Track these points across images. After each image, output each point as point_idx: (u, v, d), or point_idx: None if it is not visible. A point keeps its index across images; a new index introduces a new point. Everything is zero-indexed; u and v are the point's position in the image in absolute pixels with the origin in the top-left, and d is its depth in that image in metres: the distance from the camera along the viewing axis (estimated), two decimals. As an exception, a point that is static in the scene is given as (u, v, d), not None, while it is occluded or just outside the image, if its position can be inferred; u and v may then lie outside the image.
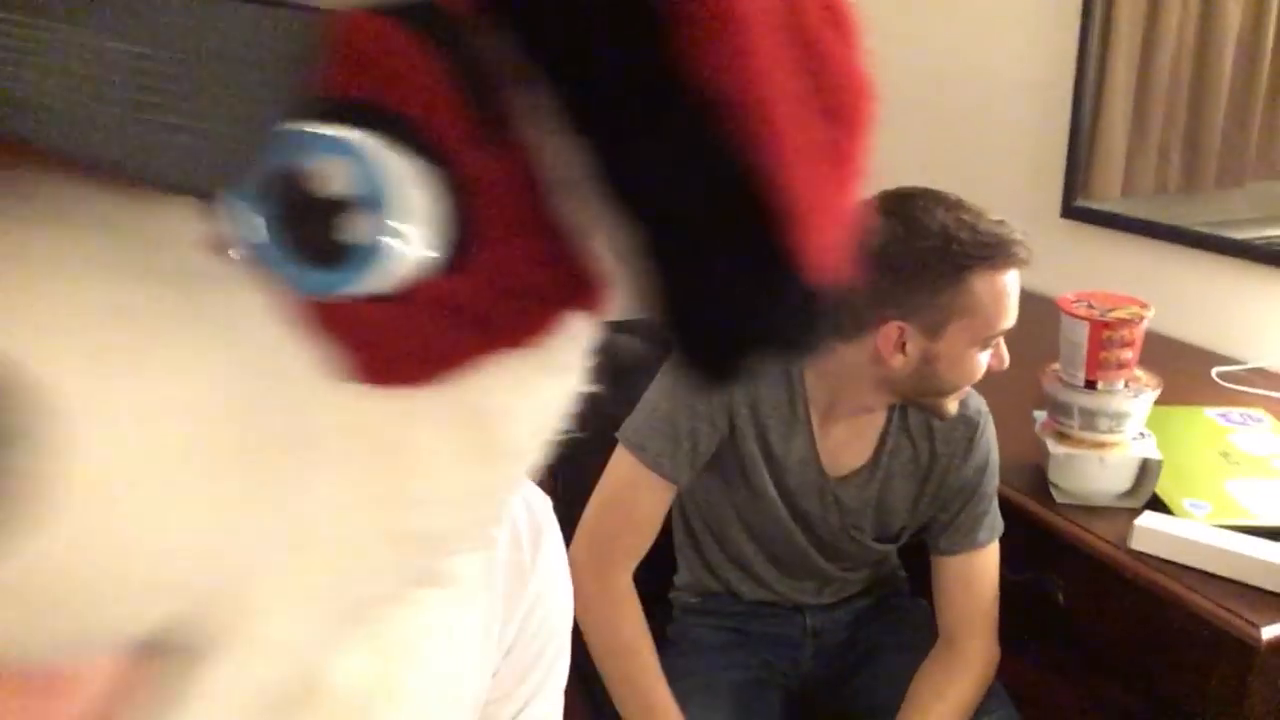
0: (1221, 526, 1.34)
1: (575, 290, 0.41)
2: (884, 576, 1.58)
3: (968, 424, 1.39)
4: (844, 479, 1.40)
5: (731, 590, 1.52)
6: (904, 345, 1.27)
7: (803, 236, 0.37)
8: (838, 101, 0.40)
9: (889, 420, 1.41)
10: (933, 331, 1.27)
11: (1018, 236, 1.26)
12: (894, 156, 1.39)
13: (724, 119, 0.34)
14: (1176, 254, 2.05)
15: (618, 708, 1.39)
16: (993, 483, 1.42)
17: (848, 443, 1.40)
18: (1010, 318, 1.29)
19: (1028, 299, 1.33)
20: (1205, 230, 2.00)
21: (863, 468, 1.41)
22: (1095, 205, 2.16)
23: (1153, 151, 2.14)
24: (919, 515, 1.44)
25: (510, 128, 0.37)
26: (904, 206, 1.25)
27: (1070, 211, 2.19)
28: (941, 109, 2.43)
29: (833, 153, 0.41)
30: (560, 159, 0.36)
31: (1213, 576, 1.28)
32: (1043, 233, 2.18)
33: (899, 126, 2.43)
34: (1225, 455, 1.55)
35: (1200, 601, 1.26)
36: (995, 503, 1.42)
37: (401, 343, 0.37)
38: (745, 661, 1.50)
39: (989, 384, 1.44)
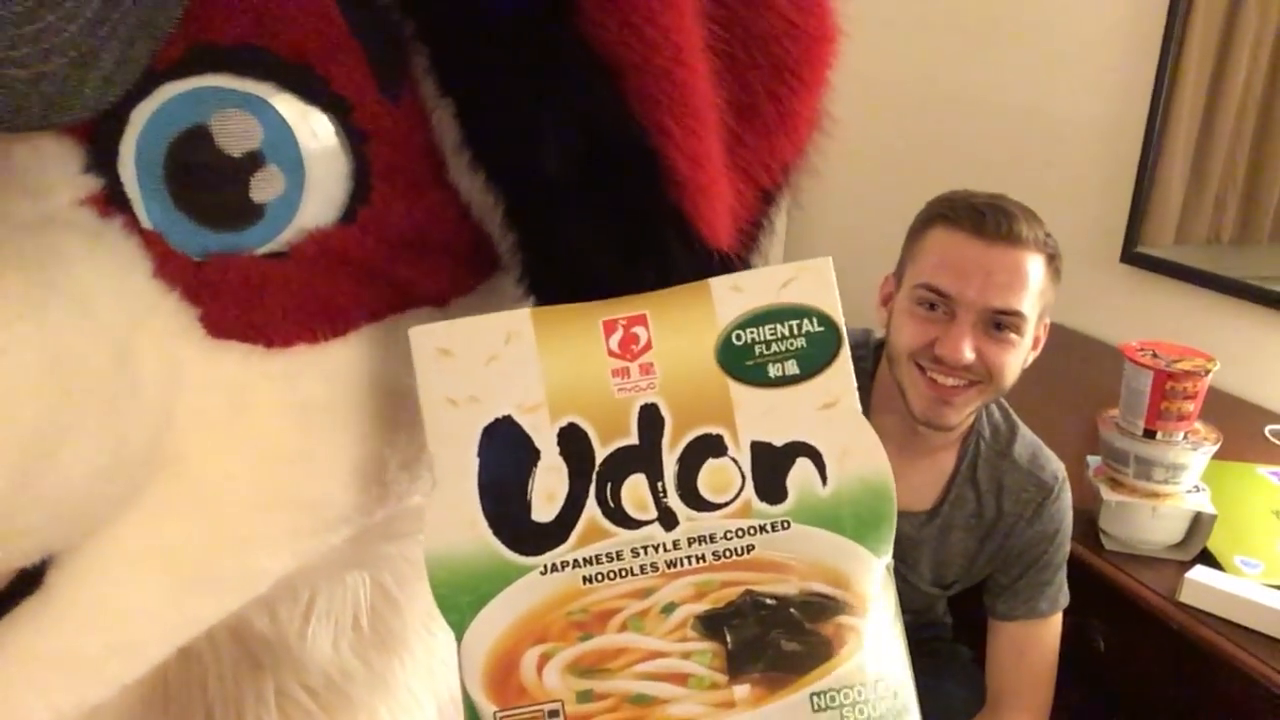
0: (1274, 586, 1.33)
1: (464, 248, 0.40)
2: (928, 620, 1.55)
3: (1041, 487, 1.36)
4: (901, 515, 1.38)
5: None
6: (888, 296, 1.33)
7: (693, 202, 0.37)
8: (777, 51, 0.40)
9: (957, 468, 1.38)
10: (899, 278, 1.31)
11: (1002, 207, 1.23)
12: (954, 181, 1.39)
13: (616, 86, 0.34)
14: (1234, 307, 2.03)
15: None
16: (1061, 552, 1.37)
17: (912, 483, 1.38)
18: (948, 279, 1.22)
19: (1084, 342, 1.32)
20: (1260, 284, 1.99)
21: (922, 512, 1.39)
22: (1152, 252, 2.15)
23: (1209, 201, 2.13)
24: (975, 572, 1.41)
25: (404, 84, 0.36)
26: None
27: (1130, 257, 2.17)
28: (1007, 144, 2.42)
29: (755, 112, 0.40)
30: (444, 119, 0.36)
31: (1264, 637, 1.27)
32: (1101, 277, 2.18)
33: (963, 158, 2.43)
34: (1278, 514, 1.54)
35: (1249, 661, 1.24)
36: (1063, 573, 1.38)
37: (294, 300, 0.35)
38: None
39: (1044, 425, 1.43)
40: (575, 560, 0.42)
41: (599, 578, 0.42)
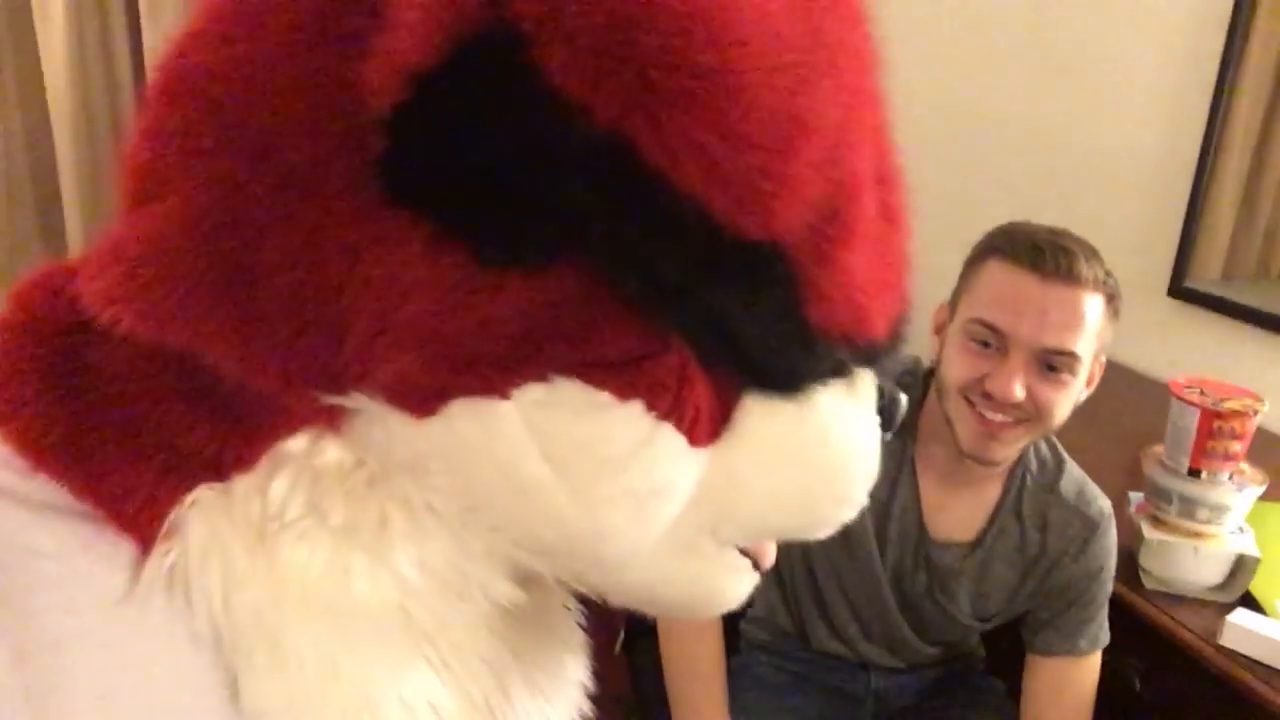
0: (1317, 634, 1.31)
1: None
2: (961, 652, 1.54)
3: (1086, 523, 1.34)
4: (943, 544, 1.37)
5: (804, 634, 1.51)
6: (941, 324, 1.31)
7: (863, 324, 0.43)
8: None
9: (1001, 501, 1.37)
10: (953, 307, 1.29)
11: (1062, 245, 1.20)
12: (1004, 210, 1.38)
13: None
14: (1277, 345, 2.01)
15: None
16: (1105, 590, 1.36)
17: (956, 513, 1.37)
18: (1003, 315, 1.20)
19: (1128, 375, 1.31)
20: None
21: (965, 543, 1.37)
22: (1199, 286, 2.13)
23: (1259, 235, 2.11)
24: (1016, 605, 1.40)
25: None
26: None
27: (1177, 291, 2.15)
28: (1057, 174, 2.41)
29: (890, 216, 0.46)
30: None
31: (1305, 685, 1.25)
32: (1148, 311, 2.16)
33: (1014, 187, 2.41)
34: (1323, 560, 1.51)
35: (1290, 708, 1.23)
36: (1104, 612, 1.37)
37: None
38: (801, 708, 1.49)
39: (1086, 459, 1.42)
40: None
41: None
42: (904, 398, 0.52)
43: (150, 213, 0.42)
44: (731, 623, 1.55)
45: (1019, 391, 1.20)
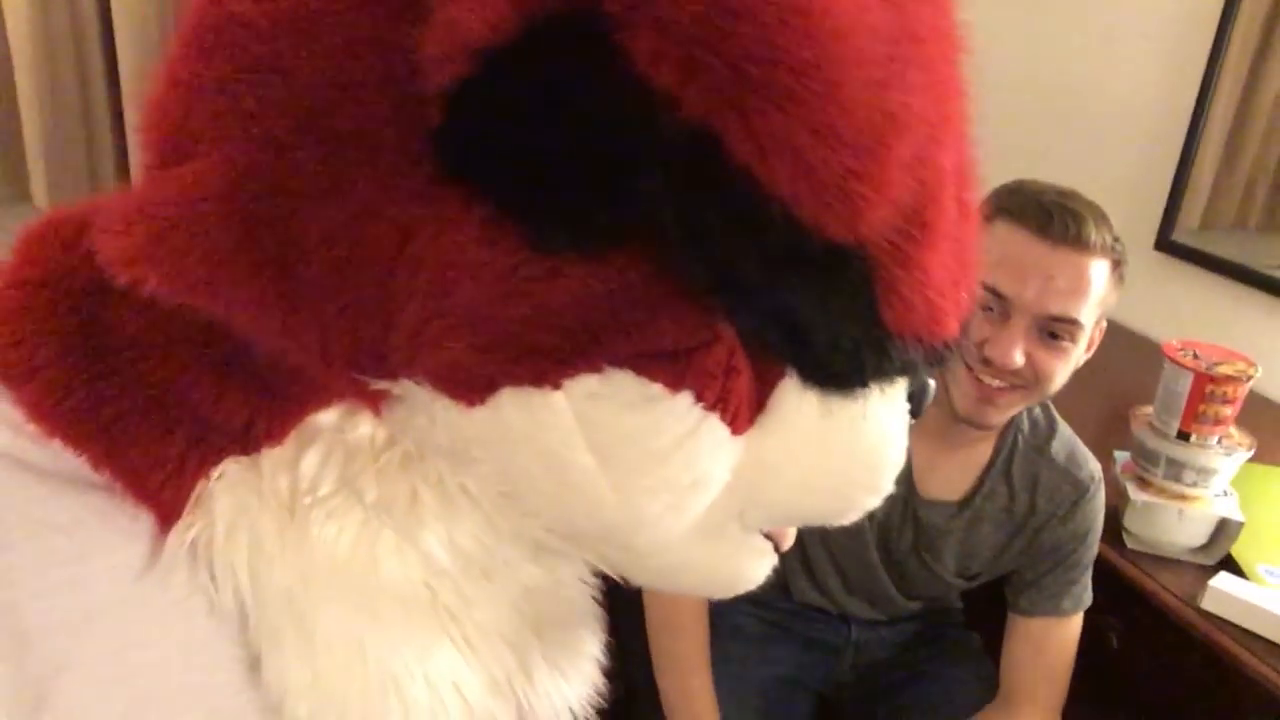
0: (1297, 599, 1.32)
1: None
2: (940, 606, 1.54)
3: (1077, 486, 1.34)
4: (931, 503, 1.37)
5: (786, 587, 1.50)
6: None
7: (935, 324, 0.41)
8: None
9: (992, 461, 1.36)
10: None
11: (1071, 208, 1.16)
12: (994, 155, 1.35)
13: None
14: (1265, 303, 2.00)
15: (658, 681, 1.39)
16: (1090, 553, 1.36)
17: (945, 472, 1.36)
18: (1006, 279, 1.17)
19: (1113, 330, 1.29)
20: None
21: (953, 502, 1.37)
22: (1184, 240, 2.12)
23: (1239, 188, 2.10)
24: (1001, 565, 1.39)
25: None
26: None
27: (1163, 244, 2.14)
28: (1051, 124, 2.37)
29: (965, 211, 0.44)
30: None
31: (1283, 650, 1.26)
32: (1135, 265, 2.14)
33: (1006, 134, 2.37)
34: (1304, 523, 1.52)
35: (1268, 674, 1.23)
36: (1088, 574, 1.37)
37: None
38: (781, 658, 1.49)
39: (1070, 416, 1.41)
40: None
41: None
42: (932, 384, 0.50)
43: (182, 173, 0.39)
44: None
45: (1019, 358, 1.18)
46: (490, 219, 0.36)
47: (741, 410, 0.42)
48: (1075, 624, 1.37)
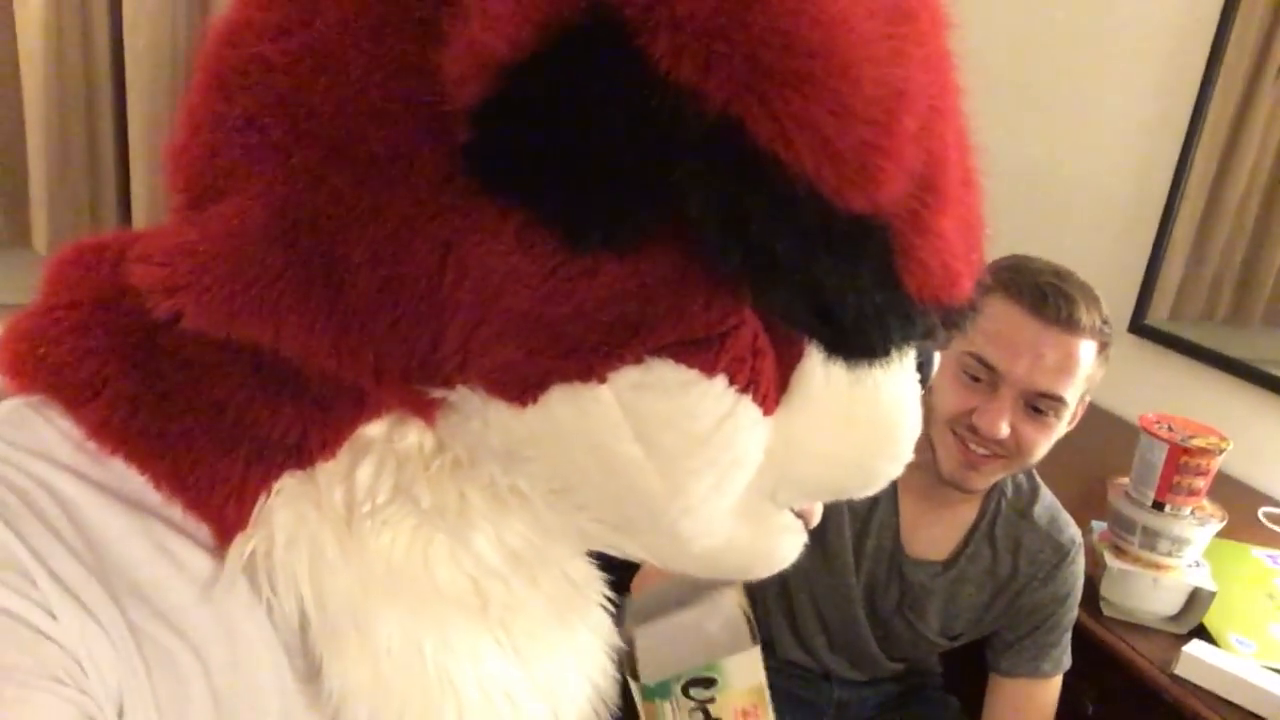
0: (1267, 668, 1.36)
1: None
2: (921, 668, 1.57)
3: (1057, 550, 1.37)
4: (916, 561, 1.40)
5: (769, 642, 1.52)
6: None
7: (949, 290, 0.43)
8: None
9: (977, 522, 1.40)
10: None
11: (1064, 290, 1.22)
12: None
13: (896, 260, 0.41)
14: (1232, 386, 2.07)
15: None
16: (1070, 616, 1.40)
17: (931, 532, 1.40)
18: (998, 353, 1.22)
19: (1094, 410, 1.34)
20: (1261, 367, 2.02)
21: (938, 562, 1.40)
22: (1158, 325, 2.19)
23: (1206, 281, 2.18)
24: (983, 626, 1.43)
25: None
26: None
27: (1136, 328, 2.21)
28: (1029, 206, 2.46)
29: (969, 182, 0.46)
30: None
31: (1255, 717, 1.30)
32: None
33: (990, 211, 2.46)
34: (1270, 597, 1.57)
35: (1239, 739, 1.27)
36: (1068, 636, 1.40)
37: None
38: (763, 715, 1.50)
39: (1052, 486, 1.45)
40: None
41: None
42: (937, 355, 0.53)
43: (221, 210, 0.41)
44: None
45: (1004, 429, 1.23)
46: (526, 225, 0.38)
47: (770, 390, 0.44)
48: (1054, 686, 1.40)
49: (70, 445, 0.43)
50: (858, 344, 0.43)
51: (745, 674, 0.62)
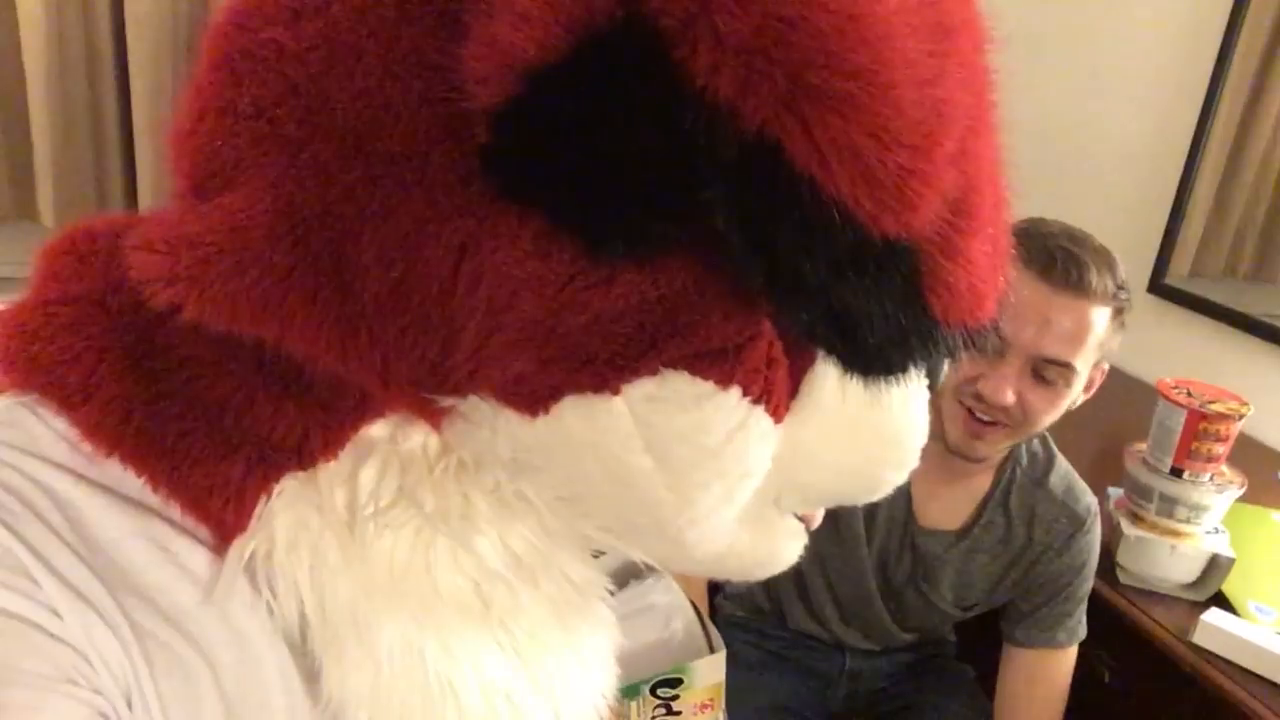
0: (1285, 636, 1.34)
1: None
2: (934, 638, 1.56)
3: (1073, 519, 1.35)
4: (929, 531, 1.38)
5: (780, 614, 1.51)
6: None
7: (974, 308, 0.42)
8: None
9: (991, 492, 1.37)
10: None
11: (1075, 254, 1.18)
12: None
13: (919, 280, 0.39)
14: (1253, 346, 2.03)
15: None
16: (1085, 586, 1.38)
17: (944, 502, 1.38)
18: (1005, 319, 1.19)
19: (1112, 373, 1.31)
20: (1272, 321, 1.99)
21: (951, 531, 1.38)
22: (1178, 284, 2.15)
23: (1228, 237, 2.13)
24: (997, 596, 1.41)
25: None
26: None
27: (1156, 288, 2.17)
28: (1046, 166, 2.41)
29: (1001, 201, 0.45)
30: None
31: (1274, 685, 1.28)
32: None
33: (1008, 171, 2.42)
34: (1291, 563, 1.54)
35: (1259, 708, 1.25)
36: (1083, 607, 1.38)
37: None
38: (775, 686, 1.49)
39: (1065, 453, 1.43)
40: None
41: None
42: (947, 361, 0.52)
43: (228, 201, 0.39)
44: (708, 598, 1.55)
45: (1009, 396, 1.20)
46: (544, 232, 0.37)
47: (782, 400, 0.43)
48: (1070, 656, 1.38)
49: (66, 446, 0.42)
50: (878, 363, 0.42)
51: (709, 674, 0.66)
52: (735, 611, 1.56)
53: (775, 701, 1.48)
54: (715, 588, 1.60)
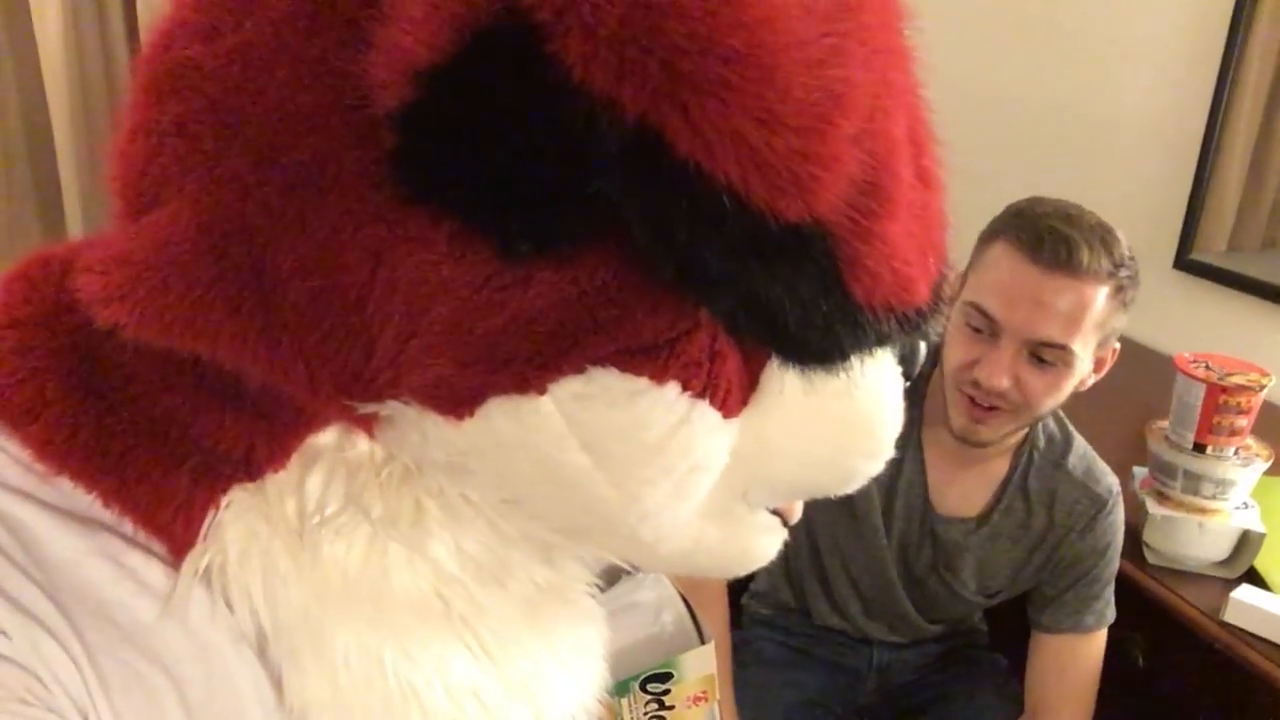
0: (1321, 610, 1.30)
1: None
2: (964, 628, 1.54)
3: (1095, 501, 1.33)
4: (948, 519, 1.37)
5: (806, 609, 1.51)
6: (952, 297, 1.25)
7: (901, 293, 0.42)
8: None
9: (1009, 476, 1.36)
10: (963, 281, 1.25)
11: (1065, 234, 1.15)
12: (1008, 182, 1.35)
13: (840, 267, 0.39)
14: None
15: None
16: (1111, 568, 1.35)
17: (961, 489, 1.36)
18: (996, 303, 1.18)
19: (1133, 349, 1.29)
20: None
21: (971, 518, 1.37)
22: (1205, 259, 2.11)
23: (1265, 207, 2.09)
24: (1021, 582, 1.39)
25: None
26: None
27: (1183, 264, 2.13)
28: (1064, 143, 2.38)
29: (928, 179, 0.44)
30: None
31: (1309, 662, 1.25)
32: (1153, 283, 2.14)
33: (1022, 156, 2.38)
34: (1327, 536, 1.50)
35: (1293, 684, 1.22)
36: (1110, 589, 1.36)
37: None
38: (803, 682, 1.49)
39: (1090, 433, 1.41)
40: None
41: None
42: (923, 345, 0.51)
43: (155, 219, 0.40)
44: (734, 597, 1.55)
45: (1005, 381, 1.19)
46: (457, 234, 0.37)
47: (732, 393, 0.42)
48: (1099, 640, 1.36)
49: (19, 467, 0.43)
50: (808, 352, 0.41)
51: (699, 666, 0.65)
52: (761, 609, 1.55)
53: (804, 697, 1.48)
54: (740, 587, 1.60)
